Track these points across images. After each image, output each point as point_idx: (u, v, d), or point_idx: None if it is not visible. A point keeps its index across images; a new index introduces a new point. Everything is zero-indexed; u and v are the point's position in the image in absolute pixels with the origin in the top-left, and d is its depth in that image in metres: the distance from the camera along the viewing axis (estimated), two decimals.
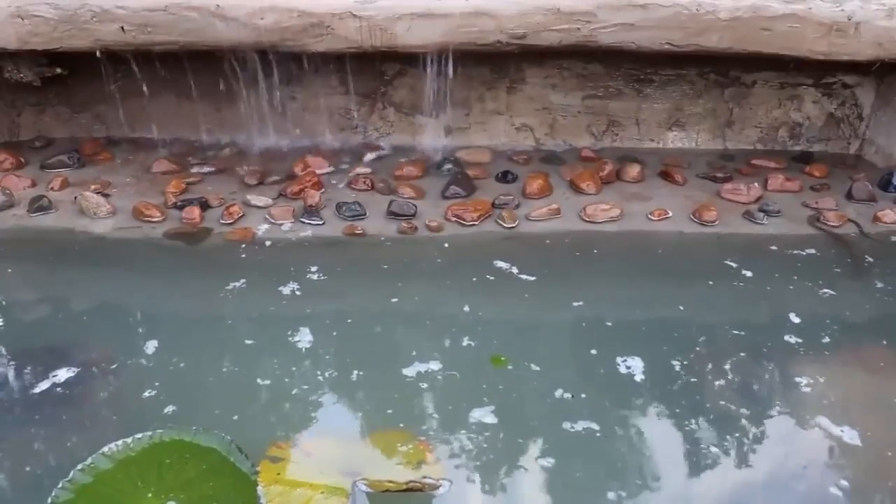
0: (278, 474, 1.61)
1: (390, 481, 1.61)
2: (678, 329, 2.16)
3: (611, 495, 1.61)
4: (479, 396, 1.87)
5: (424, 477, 1.63)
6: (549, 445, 1.73)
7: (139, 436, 1.70)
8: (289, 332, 2.10)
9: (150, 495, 1.56)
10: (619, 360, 2.01)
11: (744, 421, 1.82)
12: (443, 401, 1.86)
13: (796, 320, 2.20)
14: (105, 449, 1.66)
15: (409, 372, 1.96)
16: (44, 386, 1.88)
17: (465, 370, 1.97)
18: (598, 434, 1.76)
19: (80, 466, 1.61)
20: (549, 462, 1.68)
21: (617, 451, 1.73)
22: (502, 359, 2.02)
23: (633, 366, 1.99)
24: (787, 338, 2.13)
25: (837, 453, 1.73)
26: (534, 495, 1.61)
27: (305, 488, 1.59)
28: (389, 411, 1.83)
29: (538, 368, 1.98)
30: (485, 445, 1.73)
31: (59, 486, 1.56)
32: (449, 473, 1.65)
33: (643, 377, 1.95)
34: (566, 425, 1.78)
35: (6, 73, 2.97)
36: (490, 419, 1.80)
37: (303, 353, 2.03)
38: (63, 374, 1.92)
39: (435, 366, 1.98)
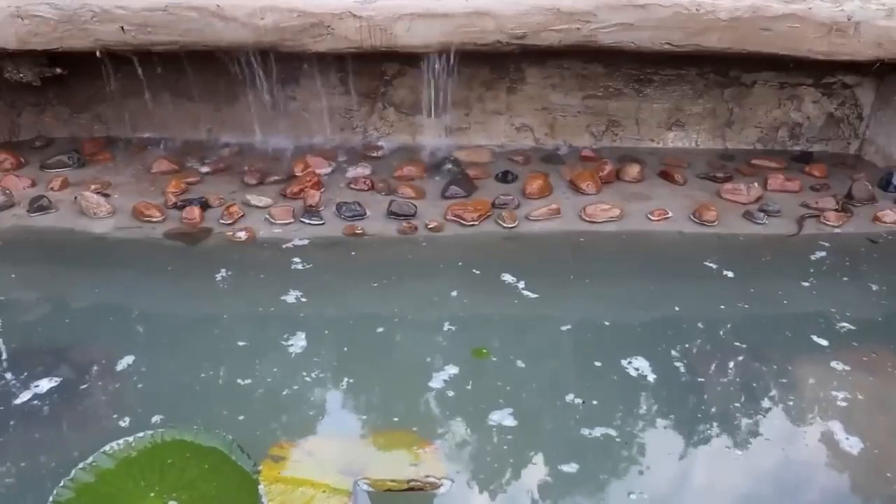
0: (280, 473, 1.61)
1: (392, 480, 1.61)
2: (678, 329, 2.16)
3: (612, 495, 1.61)
4: (481, 396, 1.87)
5: (426, 476, 1.63)
6: (550, 444, 1.73)
7: (141, 435, 1.70)
8: (289, 332, 2.10)
9: (152, 495, 1.56)
10: (623, 361, 2.01)
11: (747, 422, 1.82)
12: (445, 401, 1.86)
13: (797, 320, 2.21)
14: (107, 448, 1.66)
15: (411, 372, 1.96)
16: (44, 385, 1.88)
17: (468, 370, 1.97)
18: (612, 436, 1.76)
19: (81, 465, 1.61)
20: (550, 461, 1.68)
21: (616, 450, 1.73)
22: (484, 351, 2.02)
23: (639, 366, 1.99)
24: (787, 337, 2.13)
25: (840, 456, 1.73)
26: (535, 494, 1.61)
27: (307, 487, 1.59)
28: (391, 411, 1.83)
29: (540, 368, 1.98)
30: (486, 445, 1.73)
31: (61, 484, 1.56)
32: (450, 473, 1.65)
33: (649, 377, 1.95)
34: (572, 426, 1.78)
35: (6, 73, 2.97)
36: (493, 419, 1.80)
37: (303, 352, 2.03)
38: (63, 374, 1.92)
39: (437, 365, 1.97)
